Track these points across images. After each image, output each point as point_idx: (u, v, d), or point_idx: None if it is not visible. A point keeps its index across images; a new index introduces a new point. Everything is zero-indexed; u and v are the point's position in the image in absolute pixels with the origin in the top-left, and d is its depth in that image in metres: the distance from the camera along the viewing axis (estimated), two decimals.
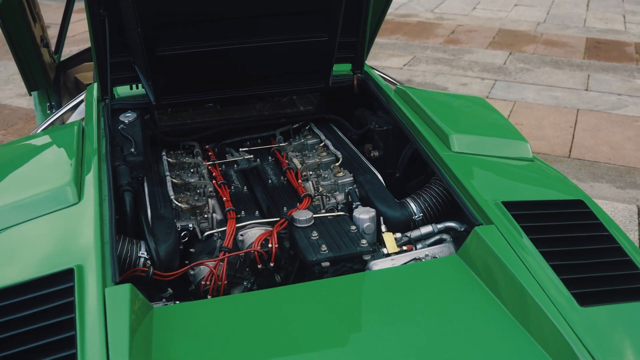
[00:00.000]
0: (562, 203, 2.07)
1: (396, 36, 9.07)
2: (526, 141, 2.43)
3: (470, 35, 8.92)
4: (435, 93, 2.91)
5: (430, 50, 8.28)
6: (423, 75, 7.29)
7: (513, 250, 1.82)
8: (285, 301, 1.77)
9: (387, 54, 8.25)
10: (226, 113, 2.94)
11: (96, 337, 1.54)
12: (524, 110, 6.14)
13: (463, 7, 10.73)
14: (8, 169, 2.25)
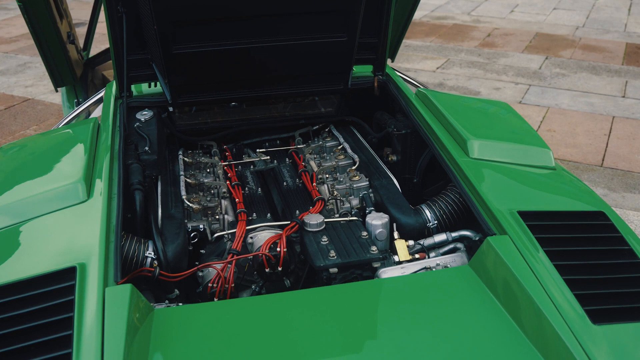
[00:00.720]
0: (581, 214, 1.99)
1: (431, 39, 8.96)
2: (548, 148, 2.35)
3: (506, 39, 8.76)
4: (457, 97, 2.84)
5: (465, 54, 8.16)
6: (456, 79, 7.18)
7: (526, 262, 1.75)
8: (288, 307, 1.73)
9: (420, 56, 8.15)
10: (246, 113, 2.91)
11: (92, 337, 1.53)
12: (558, 116, 5.99)
13: (500, 10, 10.56)
14: (22, 164, 2.26)
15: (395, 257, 2.08)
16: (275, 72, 2.57)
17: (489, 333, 1.62)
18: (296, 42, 2.45)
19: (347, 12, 2.40)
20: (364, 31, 2.65)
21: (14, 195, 2.06)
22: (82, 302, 1.63)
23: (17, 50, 8.47)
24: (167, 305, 1.84)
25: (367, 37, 2.69)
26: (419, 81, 3.94)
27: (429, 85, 6.98)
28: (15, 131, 5.92)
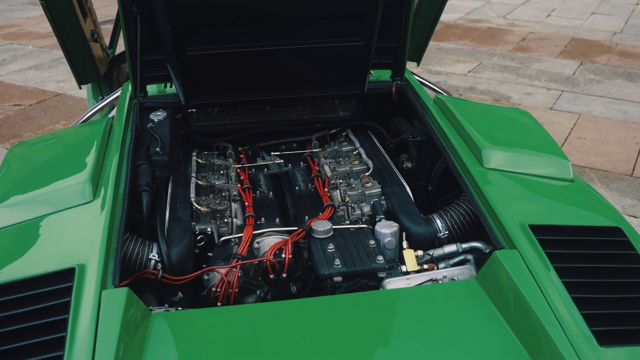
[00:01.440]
0: (596, 229, 1.92)
1: (464, 42, 8.84)
2: (567, 159, 2.27)
3: (541, 44, 8.59)
4: (476, 104, 2.77)
5: (498, 58, 8.02)
6: (487, 83, 7.06)
7: (534, 278, 1.69)
8: (285, 316, 1.70)
9: (452, 59, 8.05)
10: (262, 115, 2.89)
11: (86, 340, 1.52)
12: (589, 123, 5.84)
13: (537, 14, 10.37)
14: (32, 163, 2.28)
15: (402, 267, 2.03)
16: (290, 76, 2.54)
17: (490, 351, 1.57)
18: (311, 45, 2.42)
19: (363, 17, 2.36)
20: (382, 35, 2.60)
21: (21, 193, 2.07)
22: (78, 304, 1.62)
23: (51, 45, 8.61)
24: (166, 309, 1.83)
25: (386, 41, 2.64)
26: (441, 87, 3.87)
27: (459, 89, 6.89)
28: (44, 125, 6.02)
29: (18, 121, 6.15)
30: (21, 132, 5.86)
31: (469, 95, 6.70)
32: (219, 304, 2.02)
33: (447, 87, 6.99)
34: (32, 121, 6.12)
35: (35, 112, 6.37)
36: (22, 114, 6.33)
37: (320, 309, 1.72)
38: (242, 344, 1.59)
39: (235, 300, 2.04)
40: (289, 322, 1.66)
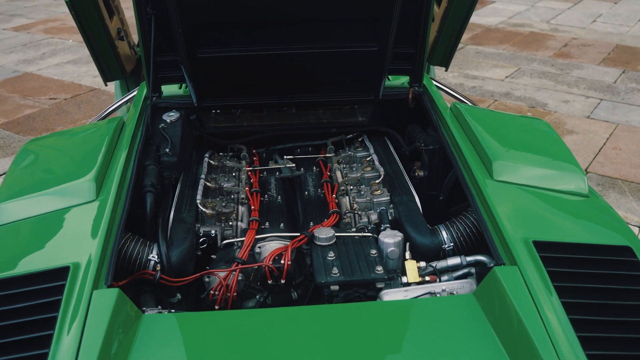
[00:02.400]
0: (604, 248, 1.84)
1: (504, 46, 8.68)
2: (583, 174, 2.19)
3: (583, 50, 8.37)
4: (494, 113, 2.70)
5: (537, 63, 7.85)
6: (524, 89, 6.91)
7: (531, 297, 1.63)
8: (276, 323, 1.68)
9: (490, 64, 7.91)
10: (277, 119, 2.87)
11: (72, 339, 1.53)
12: (626, 134, 5.66)
13: (582, 19, 10.11)
14: (42, 160, 2.31)
15: (404, 278, 1.99)
16: (303, 80, 2.52)
17: None
18: (324, 50, 2.40)
19: (378, 22, 2.32)
20: (400, 41, 2.56)
21: (27, 190, 2.09)
22: (69, 302, 1.63)
23: None
24: (159, 311, 1.82)
25: (404, 47, 2.60)
26: (464, 95, 3.79)
27: (494, 95, 6.76)
28: (77, 120, 6.13)
29: (52, 115, 6.28)
30: (54, 126, 5.98)
31: (504, 101, 6.57)
32: (216, 307, 2.01)
33: (483, 92, 6.88)
34: (66, 115, 6.24)
35: (69, 107, 6.50)
36: (57, 107, 6.46)
37: (310, 318, 1.69)
38: (226, 349, 1.57)
39: (234, 303, 2.03)
40: (276, 330, 1.64)
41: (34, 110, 6.51)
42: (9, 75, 7.70)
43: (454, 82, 7.20)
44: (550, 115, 6.16)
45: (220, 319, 1.73)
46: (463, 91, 6.92)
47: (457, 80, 7.30)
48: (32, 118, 6.27)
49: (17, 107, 6.59)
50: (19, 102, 6.75)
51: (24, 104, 6.70)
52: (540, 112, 6.23)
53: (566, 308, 1.60)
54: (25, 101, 6.77)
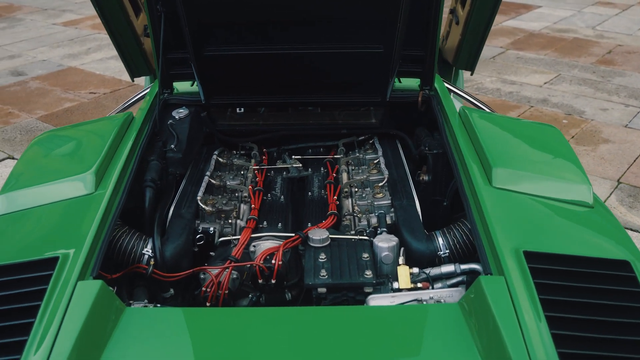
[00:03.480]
0: (600, 262, 1.78)
1: (546, 52, 8.50)
2: (588, 184, 2.12)
3: (628, 57, 8.13)
4: (503, 118, 2.64)
5: (578, 70, 7.66)
6: (562, 96, 6.75)
7: (514, 309, 1.59)
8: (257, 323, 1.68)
9: (530, 69, 7.75)
10: (287, 118, 2.87)
11: (51, 328, 1.56)
12: None
13: (629, 26, 9.81)
14: (49, 153, 2.36)
15: (395, 284, 1.96)
16: (309, 80, 2.52)
17: None
18: (330, 50, 2.39)
19: (383, 23, 2.30)
20: (410, 43, 2.53)
21: (31, 181, 2.15)
22: (53, 292, 1.67)
23: None
24: (144, 305, 1.85)
25: (414, 49, 2.57)
26: (480, 100, 3.72)
27: (531, 101, 6.62)
28: None
29: (90, 109, 6.43)
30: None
31: (540, 108, 6.43)
32: (207, 304, 2.02)
33: (519, 98, 6.75)
34: (103, 110, 6.38)
35: (107, 101, 6.65)
36: (95, 102, 6.62)
37: (289, 319, 1.69)
38: (201, 345, 1.58)
39: (227, 301, 2.04)
40: (254, 329, 1.64)
41: (73, 103, 6.68)
42: (53, 69, 7.92)
43: (491, 87, 7.08)
44: (587, 123, 6.00)
45: (202, 316, 1.74)
46: (499, 96, 6.81)
47: (494, 85, 7.18)
48: (70, 111, 6.44)
49: (57, 101, 6.77)
50: (60, 96, 6.93)
51: (65, 97, 6.88)
52: (577, 120, 6.08)
53: (550, 322, 1.55)
54: (65, 95, 6.96)
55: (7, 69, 7.93)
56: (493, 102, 6.61)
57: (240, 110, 2.88)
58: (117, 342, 1.59)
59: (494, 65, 7.93)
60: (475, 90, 7.01)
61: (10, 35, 9.69)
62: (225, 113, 2.89)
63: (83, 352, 1.53)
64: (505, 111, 6.38)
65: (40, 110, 6.46)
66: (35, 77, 7.58)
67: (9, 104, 6.64)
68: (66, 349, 1.51)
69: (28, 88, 7.18)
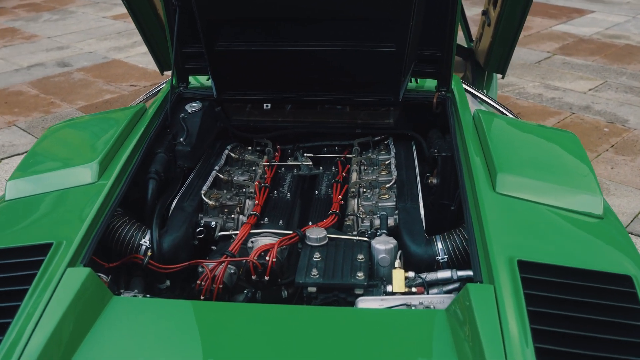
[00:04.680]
0: (600, 275, 1.70)
1: (594, 58, 8.26)
2: (599, 194, 2.04)
3: None
4: (519, 123, 2.56)
5: (626, 77, 7.41)
6: (605, 104, 6.55)
7: (499, 319, 1.54)
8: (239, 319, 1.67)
9: (575, 75, 7.55)
10: (302, 116, 2.86)
11: (36, 312, 1.59)
12: None
13: None
14: (61, 142, 2.41)
15: (389, 287, 1.93)
16: (320, 78, 2.49)
17: None
18: (341, 49, 2.36)
19: (395, 22, 2.26)
20: (427, 43, 2.49)
21: (39, 169, 2.20)
22: (42, 278, 1.69)
23: None
24: (134, 295, 1.86)
25: (430, 49, 2.52)
26: (505, 106, 3.62)
27: (573, 108, 6.45)
28: None
29: (129, 101, 6.56)
30: None
31: (581, 115, 6.25)
32: (202, 297, 2.02)
33: (561, 104, 6.57)
34: None
35: None
36: (135, 94, 6.74)
37: (270, 316, 1.67)
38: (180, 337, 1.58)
39: (222, 296, 2.04)
40: (235, 325, 1.64)
41: (113, 95, 6.82)
42: (98, 61, 8.12)
43: (533, 93, 6.92)
44: (629, 132, 5.80)
45: (187, 308, 1.74)
46: (540, 102, 6.64)
47: (536, 90, 7.02)
48: (109, 103, 6.58)
49: (98, 92, 6.93)
50: (102, 87, 7.09)
51: (106, 89, 7.04)
52: (619, 129, 5.88)
53: (535, 335, 1.49)
54: (107, 86, 7.11)
55: (54, 59, 8.16)
56: (533, 108, 6.46)
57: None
58: (99, 330, 1.61)
59: (539, 70, 7.74)
60: (516, 95, 6.86)
61: (61, 27, 9.97)
62: (245, 109, 2.89)
63: (63, 337, 1.55)
64: (545, 117, 6.22)
65: (81, 101, 6.63)
66: (80, 68, 7.78)
67: (52, 94, 6.83)
68: (46, 333, 1.53)
69: (72, 79, 7.37)
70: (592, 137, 5.70)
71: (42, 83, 7.22)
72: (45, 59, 8.21)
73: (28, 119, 6.15)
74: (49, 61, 8.10)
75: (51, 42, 9.03)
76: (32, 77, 7.46)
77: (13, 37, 9.35)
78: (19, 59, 8.21)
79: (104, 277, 1.90)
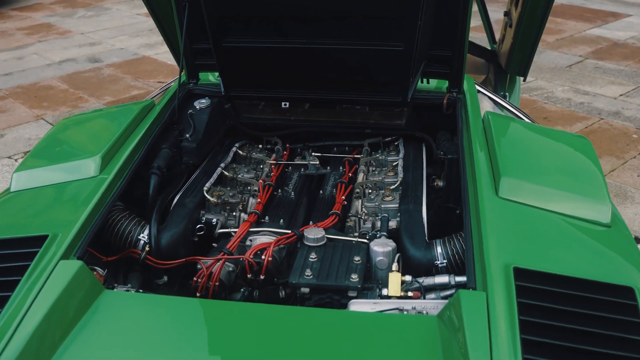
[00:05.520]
0: (600, 286, 1.64)
1: (627, 62, 8.06)
2: (608, 203, 1.97)
3: None
4: (530, 126, 2.49)
5: None
6: (637, 110, 6.38)
7: (489, 328, 1.49)
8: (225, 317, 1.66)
9: (607, 80, 7.38)
10: (312, 115, 2.84)
11: (26, 303, 1.60)
12: None
13: None
14: (68, 135, 2.44)
15: (384, 290, 1.89)
16: (327, 76, 2.47)
17: None
18: (349, 47, 2.33)
19: (403, 20, 2.22)
20: (438, 43, 2.45)
21: (44, 162, 2.22)
22: (35, 269, 1.71)
23: None
24: (127, 289, 1.86)
25: (441, 49, 2.47)
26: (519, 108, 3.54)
27: (602, 113, 6.30)
28: None
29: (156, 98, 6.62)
30: None
31: (610, 121, 6.10)
32: (197, 294, 2.02)
33: (590, 109, 6.43)
34: None
35: None
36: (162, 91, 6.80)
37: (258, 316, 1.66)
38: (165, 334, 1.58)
39: (219, 293, 2.03)
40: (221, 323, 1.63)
41: (140, 92, 6.89)
42: (128, 57, 8.22)
43: (561, 97, 6.78)
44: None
45: (176, 305, 1.73)
46: (568, 107, 6.51)
47: (565, 94, 6.88)
48: (136, 99, 6.65)
49: (126, 88, 7.01)
50: (130, 83, 7.18)
51: (134, 85, 7.12)
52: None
53: (524, 345, 1.45)
54: (135, 82, 7.19)
55: (85, 55, 8.29)
56: (561, 113, 6.34)
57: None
58: (87, 322, 1.61)
59: (569, 74, 7.59)
60: (544, 99, 6.74)
61: (95, 23, 10.13)
62: (257, 106, 2.88)
63: (50, 328, 1.56)
64: (572, 122, 6.09)
65: (108, 96, 6.71)
66: (110, 64, 7.88)
67: (80, 89, 6.94)
68: (33, 324, 1.54)
69: (101, 74, 7.48)
70: (620, 143, 5.56)
71: (72, 78, 7.34)
72: (77, 54, 8.35)
73: (56, 113, 6.25)
74: (80, 56, 8.23)
75: (84, 38, 9.17)
76: (63, 72, 7.59)
77: (48, 33, 9.53)
78: (52, 54, 8.36)
79: (100, 271, 1.91)
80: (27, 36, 9.30)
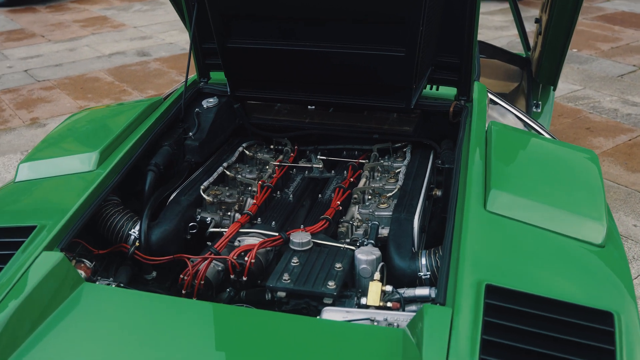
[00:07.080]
0: (577, 309, 1.58)
1: None
2: (603, 223, 1.89)
3: None
4: (536, 138, 2.40)
5: None
6: None
7: (447, 346, 1.46)
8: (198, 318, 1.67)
9: None
10: (320, 118, 2.83)
11: (4, 291, 1.65)
12: None
13: None
14: (75, 130, 2.50)
15: (363, 300, 1.87)
16: (331, 80, 2.45)
17: None
18: (352, 51, 2.31)
19: (404, 25, 2.19)
20: (445, 49, 2.41)
21: (47, 154, 2.29)
22: (18, 259, 1.76)
23: None
24: (108, 283, 1.90)
25: (449, 56, 2.43)
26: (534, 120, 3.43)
27: None
28: None
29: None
30: None
31: None
32: (183, 292, 2.04)
33: (637, 121, 6.19)
34: None
35: None
36: None
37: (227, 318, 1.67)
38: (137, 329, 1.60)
39: (204, 292, 2.05)
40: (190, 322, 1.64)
41: None
42: (176, 52, 8.38)
43: (608, 107, 6.56)
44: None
45: (152, 301, 1.76)
46: (614, 118, 6.28)
47: (612, 105, 6.64)
48: None
49: (169, 82, 7.15)
50: (174, 78, 7.31)
51: (177, 79, 7.25)
52: None
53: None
54: (179, 77, 7.32)
55: (135, 48, 8.49)
56: (605, 124, 6.12)
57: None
58: (62, 313, 1.65)
59: (620, 84, 7.33)
60: (589, 109, 6.52)
61: (149, 17, 10.37)
62: (273, 107, 2.89)
63: (25, 317, 1.61)
64: (615, 134, 5.88)
65: (151, 90, 6.86)
66: (157, 58, 8.05)
67: (125, 82, 7.11)
68: (8, 313, 1.59)
69: (147, 68, 7.64)
70: None
71: (118, 71, 7.53)
72: (127, 47, 8.56)
73: (98, 105, 6.43)
74: (129, 50, 8.43)
75: (136, 32, 9.40)
76: (111, 64, 7.79)
77: (102, 25, 9.81)
78: (103, 46, 8.60)
79: (88, 263, 1.95)
80: (81, 28, 9.60)
